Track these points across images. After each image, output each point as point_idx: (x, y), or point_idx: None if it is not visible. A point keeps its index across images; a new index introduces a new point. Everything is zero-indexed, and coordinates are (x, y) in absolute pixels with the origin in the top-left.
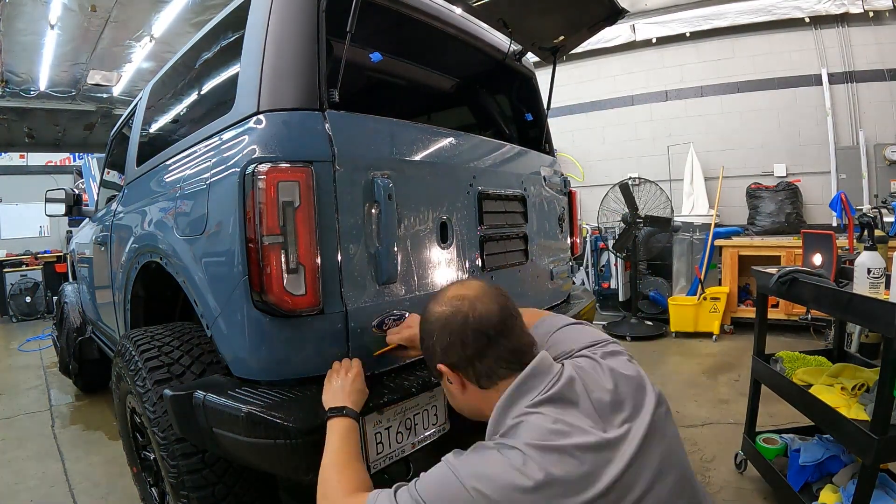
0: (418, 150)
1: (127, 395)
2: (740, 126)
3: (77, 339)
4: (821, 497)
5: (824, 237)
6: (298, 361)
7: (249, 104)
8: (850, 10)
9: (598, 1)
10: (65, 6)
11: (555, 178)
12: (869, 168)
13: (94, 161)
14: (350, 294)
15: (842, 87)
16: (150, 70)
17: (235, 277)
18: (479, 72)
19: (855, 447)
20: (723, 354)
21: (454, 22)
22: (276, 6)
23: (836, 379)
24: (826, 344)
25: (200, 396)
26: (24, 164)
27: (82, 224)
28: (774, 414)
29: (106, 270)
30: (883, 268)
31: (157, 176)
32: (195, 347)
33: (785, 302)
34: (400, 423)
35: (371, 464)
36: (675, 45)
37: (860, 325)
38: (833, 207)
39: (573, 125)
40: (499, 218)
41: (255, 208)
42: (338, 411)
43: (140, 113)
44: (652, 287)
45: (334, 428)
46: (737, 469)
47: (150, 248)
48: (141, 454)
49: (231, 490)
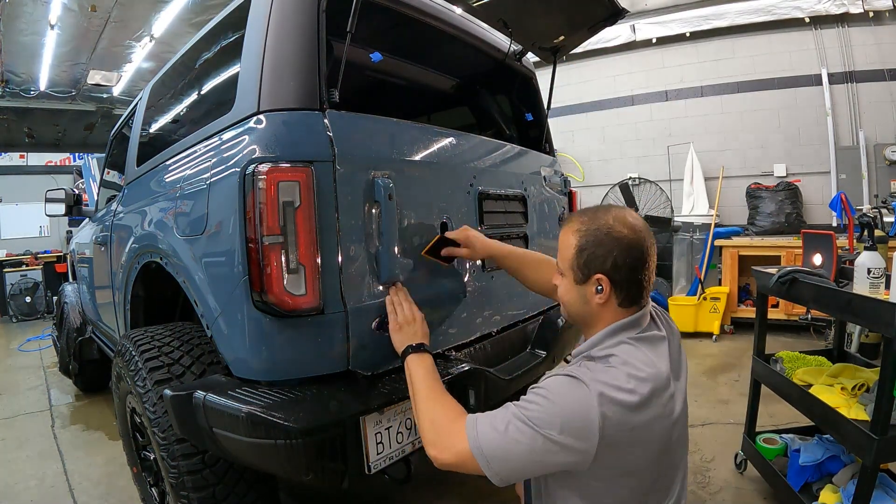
0: (419, 150)
1: (127, 395)
2: (740, 126)
3: (77, 339)
4: (821, 497)
5: (824, 237)
6: (298, 361)
7: (249, 104)
8: (850, 10)
9: (598, 1)
10: (65, 6)
11: (555, 178)
12: (869, 168)
13: (94, 161)
14: (350, 294)
15: (842, 87)
16: (150, 70)
17: (235, 277)
18: (479, 72)
19: (855, 447)
20: (723, 354)
21: (454, 22)
22: (276, 6)
23: (836, 379)
24: (826, 344)
25: (200, 396)
26: (24, 164)
27: (82, 224)
28: (774, 414)
29: (106, 270)
30: (883, 268)
31: (157, 176)
32: (195, 347)
33: (785, 302)
34: (400, 423)
35: (371, 464)
36: (675, 45)
37: (860, 325)
38: (833, 207)
39: (573, 125)
40: (499, 218)
41: (255, 208)
42: (417, 348)
43: (140, 113)
44: (652, 287)
45: (418, 363)
46: (737, 469)
47: (151, 248)
48: (141, 454)
49: (231, 490)
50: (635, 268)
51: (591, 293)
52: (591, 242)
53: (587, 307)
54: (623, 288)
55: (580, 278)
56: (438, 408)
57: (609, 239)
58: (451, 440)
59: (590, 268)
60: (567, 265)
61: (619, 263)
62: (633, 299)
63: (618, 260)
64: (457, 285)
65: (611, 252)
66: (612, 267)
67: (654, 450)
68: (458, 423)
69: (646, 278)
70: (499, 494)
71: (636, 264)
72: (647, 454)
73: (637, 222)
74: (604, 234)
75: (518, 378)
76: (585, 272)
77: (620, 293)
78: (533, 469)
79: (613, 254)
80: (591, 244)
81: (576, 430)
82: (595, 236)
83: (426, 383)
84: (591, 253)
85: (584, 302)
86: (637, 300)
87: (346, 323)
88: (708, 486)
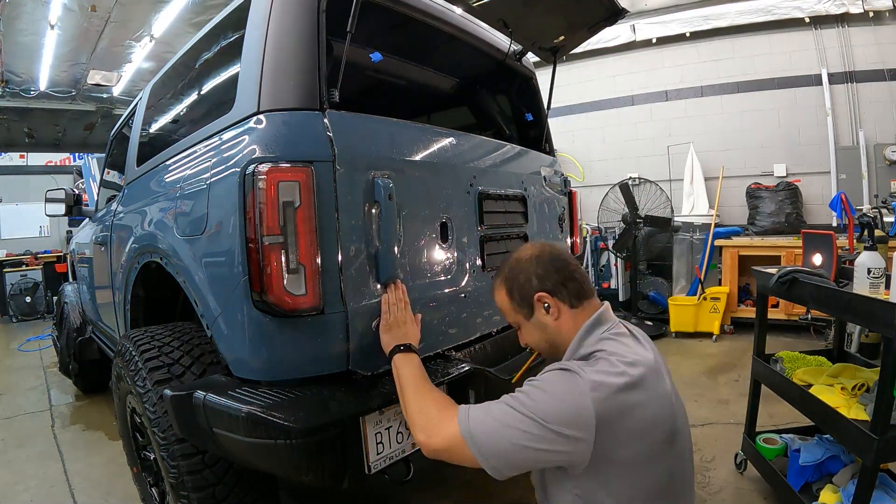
0: (418, 151)
1: (127, 395)
2: (740, 126)
3: (77, 339)
4: (821, 497)
5: (824, 237)
6: (298, 361)
7: (249, 104)
8: (850, 10)
9: (598, 1)
10: (65, 6)
11: (555, 178)
12: (869, 168)
13: (94, 161)
14: (350, 294)
15: (842, 87)
16: (150, 70)
17: (236, 277)
18: (479, 72)
19: (855, 447)
20: (723, 354)
21: (454, 22)
22: (276, 6)
23: (836, 379)
24: (826, 344)
25: (200, 396)
26: (24, 164)
27: (82, 224)
28: (774, 414)
29: (106, 270)
30: (883, 268)
31: (157, 176)
32: (195, 347)
33: (785, 302)
34: (400, 423)
35: (371, 464)
36: (675, 45)
37: (860, 325)
38: (833, 207)
39: (573, 125)
40: (499, 218)
41: (255, 208)
42: (405, 348)
43: (140, 113)
44: (652, 287)
45: (405, 360)
46: (737, 469)
47: (151, 248)
48: (141, 454)
49: (231, 490)
50: (558, 269)
51: (542, 316)
52: (511, 279)
53: (549, 331)
54: (562, 291)
55: (527, 312)
56: (428, 397)
57: (521, 265)
58: (442, 425)
59: (524, 297)
60: (513, 314)
61: (542, 275)
62: (578, 294)
63: (539, 271)
64: (457, 285)
65: (529, 272)
66: (540, 281)
67: (657, 440)
68: (449, 409)
69: (576, 273)
70: (502, 495)
71: (556, 266)
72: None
73: (536, 243)
74: (514, 267)
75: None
76: (527, 303)
77: (563, 297)
78: (526, 458)
79: (532, 272)
80: (512, 280)
81: (570, 418)
82: (511, 273)
83: (414, 378)
84: (518, 285)
85: (544, 329)
86: (583, 294)
87: (346, 323)
88: (708, 486)
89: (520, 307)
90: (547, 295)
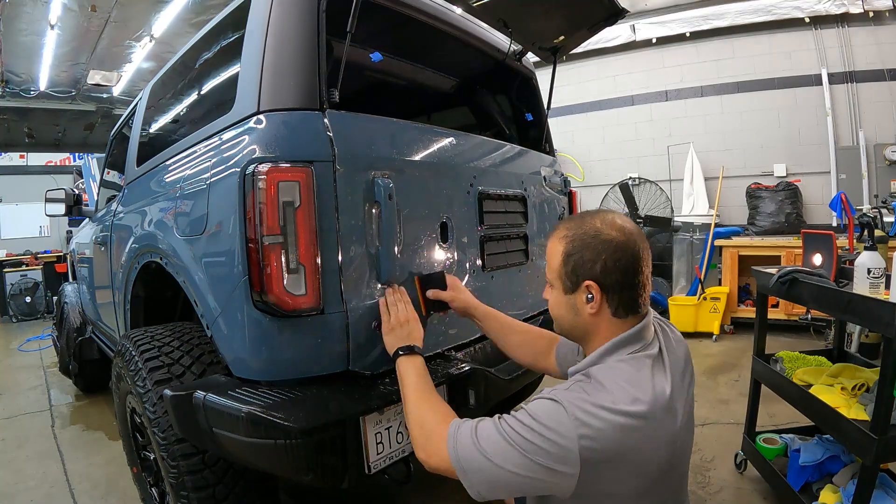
0: (419, 151)
1: (127, 395)
2: (740, 126)
3: (77, 339)
4: (821, 497)
5: (824, 237)
6: (299, 361)
7: (249, 104)
8: (850, 10)
9: (598, 1)
10: (65, 6)
11: (555, 178)
12: (869, 168)
13: (94, 161)
14: (350, 294)
15: (842, 87)
16: (150, 70)
17: (236, 277)
18: (479, 72)
19: (855, 447)
20: (723, 354)
21: (454, 22)
22: (275, 6)
23: (836, 379)
24: (826, 344)
25: (201, 397)
26: (24, 164)
27: (82, 224)
28: (774, 414)
29: (106, 270)
30: (883, 268)
31: (157, 176)
32: (195, 347)
33: (785, 302)
34: (400, 422)
35: (371, 464)
36: (675, 45)
37: (860, 325)
38: (833, 207)
39: (573, 125)
40: (499, 218)
41: (255, 208)
42: (409, 350)
43: (140, 113)
44: (652, 287)
45: (408, 365)
46: (737, 469)
47: (151, 248)
48: (141, 454)
49: (231, 491)
50: (627, 271)
51: (581, 302)
52: (578, 247)
53: (579, 319)
54: (615, 295)
55: (569, 287)
56: (428, 411)
57: (597, 242)
58: (438, 445)
59: (578, 274)
60: (555, 275)
61: (608, 267)
62: (628, 307)
63: (607, 263)
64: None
65: (599, 256)
66: (602, 272)
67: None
68: (445, 427)
69: (640, 284)
70: None
71: (627, 268)
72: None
73: (627, 224)
74: (591, 237)
75: (518, 378)
76: (574, 280)
77: (613, 301)
78: (511, 484)
79: (602, 257)
80: (578, 249)
81: (556, 454)
82: (582, 241)
83: (416, 386)
84: (579, 258)
85: (575, 313)
86: (633, 309)
87: (346, 323)
88: (708, 486)
89: (566, 277)
90: (598, 288)
